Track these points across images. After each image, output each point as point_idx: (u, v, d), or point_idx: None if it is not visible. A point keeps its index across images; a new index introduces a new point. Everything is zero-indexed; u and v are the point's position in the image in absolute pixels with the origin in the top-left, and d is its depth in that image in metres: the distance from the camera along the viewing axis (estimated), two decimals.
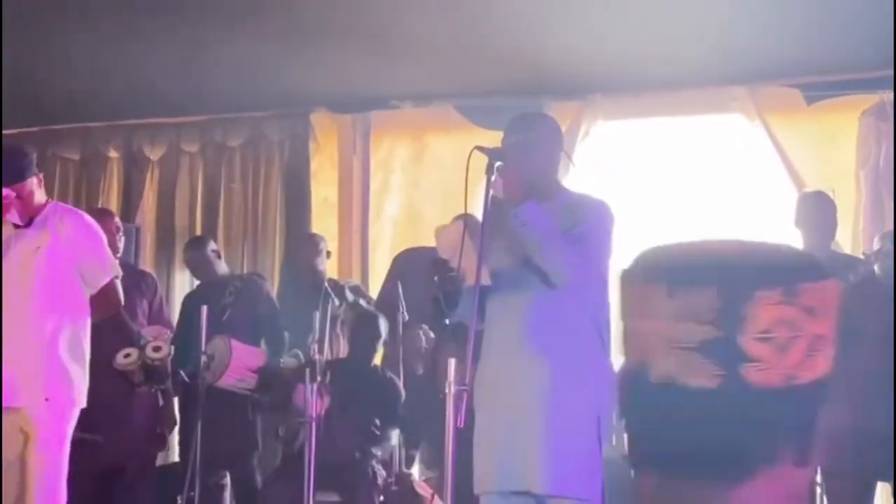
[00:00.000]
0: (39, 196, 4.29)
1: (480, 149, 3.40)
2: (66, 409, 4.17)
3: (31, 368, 4.10)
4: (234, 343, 5.31)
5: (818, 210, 4.67)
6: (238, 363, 5.25)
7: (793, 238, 4.70)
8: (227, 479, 5.64)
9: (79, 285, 4.26)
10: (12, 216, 4.18)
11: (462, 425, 3.09)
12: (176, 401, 5.87)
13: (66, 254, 4.22)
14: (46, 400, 4.09)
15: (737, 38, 5.74)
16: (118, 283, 4.40)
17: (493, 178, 3.38)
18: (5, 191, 4.14)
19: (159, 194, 7.69)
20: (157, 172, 7.71)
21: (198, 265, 6.03)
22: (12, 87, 6.37)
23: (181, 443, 5.75)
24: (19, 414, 4.09)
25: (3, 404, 4.06)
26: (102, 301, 4.34)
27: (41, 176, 4.35)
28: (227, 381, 5.26)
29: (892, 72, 5.70)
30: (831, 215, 4.70)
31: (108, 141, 7.75)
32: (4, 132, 7.19)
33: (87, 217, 4.42)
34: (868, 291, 4.34)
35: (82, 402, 4.22)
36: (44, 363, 4.11)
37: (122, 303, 4.52)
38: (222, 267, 6.05)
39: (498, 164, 3.37)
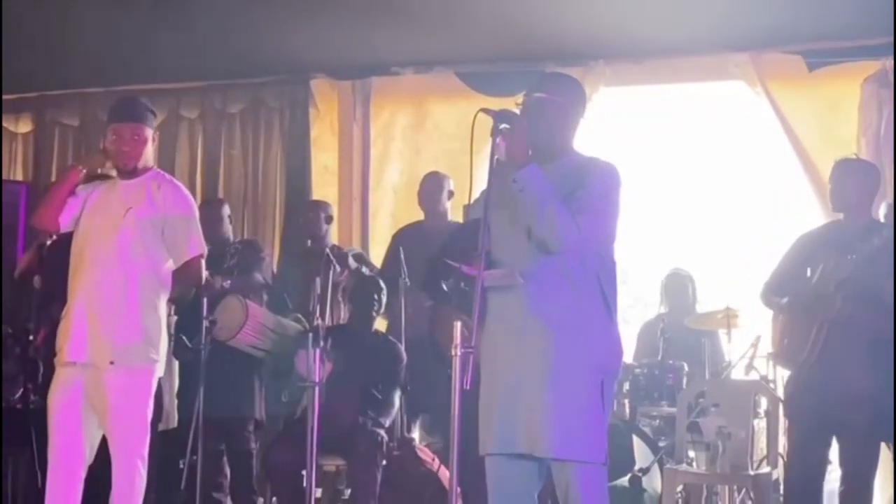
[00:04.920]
0: (149, 154, 4.28)
1: (485, 111, 3.36)
2: (144, 374, 4.09)
3: (108, 327, 4.04)
4: (249, 301, 5.32)
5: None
6: (255, 320, 5.25)
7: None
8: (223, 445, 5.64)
9: (163, 256, 4.20)
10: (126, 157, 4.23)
11: (468, 387, 3.09)
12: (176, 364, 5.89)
13: (156, 221, 4.18)
14: (112, 363, 4.02)
15: (739, 4, 5.72)
16: (202, 261, 4.35)
17: (497, 140, 3.35)
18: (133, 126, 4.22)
19: (159, 160, 7.53)
20: (157, 138, 7.65)
21: (210, 223, 5.77)
22: (11, 52, 6.35)
23: (180, 407, 5.73)
24: (92, 370, 4.03)
25: (72, 359, 4.04)
26: (184, 276, 4.28)
27: (156, 137, 4.42)
28: (245, 340, 5.26)
29: (892, 38, 5.68)
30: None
31: (106, 107, 7.67)
32: (4, 97, 7.18)
33: (185, 190, 4.37)
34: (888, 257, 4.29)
35: (160, 370, 4.18)
36: (120, 325, 4.05)
37: (204, 281, 4.46)
38: (230, 232, 6.01)
39: (503, 126, 3.34)
